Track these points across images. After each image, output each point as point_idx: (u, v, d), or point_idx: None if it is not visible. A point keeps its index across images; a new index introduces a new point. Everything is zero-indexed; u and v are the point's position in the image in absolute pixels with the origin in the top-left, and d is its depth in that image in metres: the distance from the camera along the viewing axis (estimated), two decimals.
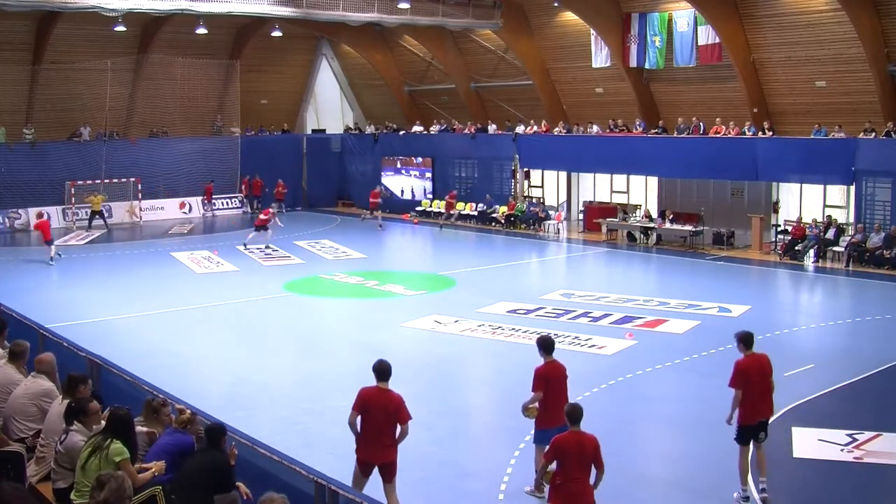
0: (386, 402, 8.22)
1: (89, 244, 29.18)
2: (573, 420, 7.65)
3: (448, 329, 16.82)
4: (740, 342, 9.36)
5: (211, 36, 33.83)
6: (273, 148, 38.40)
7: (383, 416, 8.22)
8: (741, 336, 9.40)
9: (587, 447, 7.55)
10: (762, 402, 9.27)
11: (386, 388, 8.31)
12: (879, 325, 17.32)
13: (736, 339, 9.44)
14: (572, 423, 7.65)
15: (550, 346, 9.44)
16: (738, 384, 9.10)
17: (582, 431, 7.63)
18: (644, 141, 29.35)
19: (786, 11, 25.81)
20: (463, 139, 35.38)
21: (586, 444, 7.57)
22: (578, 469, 7.53)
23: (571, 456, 7.52)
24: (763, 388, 9.24)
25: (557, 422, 9.25)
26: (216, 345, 16.20)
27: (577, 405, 7.76)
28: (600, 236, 29.76)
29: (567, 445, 7.54)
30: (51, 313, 16.57)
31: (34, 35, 32.07)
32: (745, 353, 9.31)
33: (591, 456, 7.57)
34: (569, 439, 7.58)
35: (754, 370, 9.20)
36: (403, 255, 28.87)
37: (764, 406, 9.30)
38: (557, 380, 9.32)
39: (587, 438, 7.60)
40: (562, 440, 7.62)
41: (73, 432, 7.14)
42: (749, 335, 9.41)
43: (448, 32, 34.63)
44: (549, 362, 9.35)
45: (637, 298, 19.53)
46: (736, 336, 9.47)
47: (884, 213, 24.05)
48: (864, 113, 25.15)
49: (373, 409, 8.21)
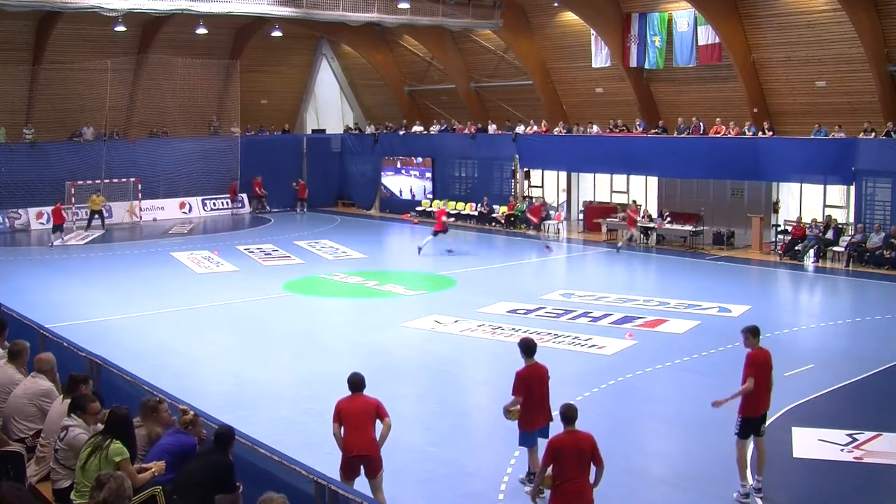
0: (363, 405, 8.49)
1: (89, 244, 29.17)
2: (568, 420, 7.62)
3: (448, 329, 16.81)
4: (749, 334, 9.45)
5: (211, 36, 33.83)
6: (273, 148, 38.40)
7: (363, 417, 8.43)
8: (750, 328, 9.49)
9: (584, 446, 7.53)
10: (766, 394, 9.41)
11: (361, 395, 8.55)
12: (879, 325, 17.32)
13: (744, 332, 9.52)
14: (567, 423, 7.61)
15: (532, 348, 9.44)
16: (752, 374, 9.18)
17: (577, 430, 7.61)
18: (644, 141, 29.35)
19: (786, 11, 25.81)
20: (463, 139, 35.38)
21: (583, 442, 7.54)
22: (576, 469, 7.49)
23: (568, 456, 7.48)
24: (768, 381, 9.40)
25: (540, 423, 9.36)
26: (216, 345, 16.20)
27: (572, 405, 7.72)
28: (600, 236, 29.76)
29: (563, 446, 7.51)
30: (51, 313, 16.57)
31: (34, 35, 32.06)
32: (753, 346, 9.41)
33: (590, 454, 7.54)
34: (565, 440, 7.55)
35: (763, 363, 9.34)
36: (403, 256, 28.86)
37: (766, 399, 9.43)
38: (538, 382, 9.34)
39: (583, 437, 7.58)
40: (557, 441, 7.58)
41: (73, 427, 7.13)
42: (757, 327, 9.52)
43: (448, 32, 34.63)
44: (531, 365, 9.37)
45: (637, 298, 19.54)
46: (743, 330, 9.54)
47: (884, 213, 24.05)
48: (864, 113, 25.15)
49: (352, 413, 8.44)
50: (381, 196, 38.55)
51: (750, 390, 9.17)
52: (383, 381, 13.86)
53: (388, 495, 8.61)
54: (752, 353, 9.37)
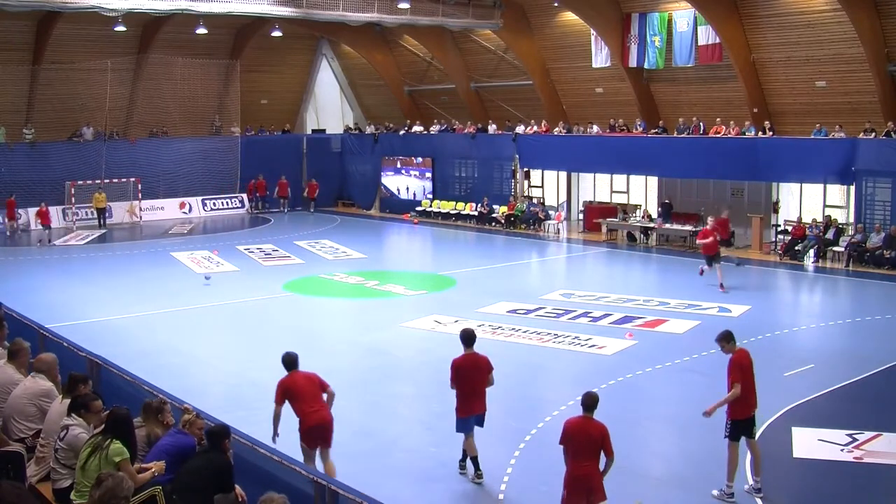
0: (308, 379, 9.09)
1: (89, 244, 29.18)
2: (586, 406, 8.00)
3: (448, 329, 16.80)
4: (723, 341, 9.50)
5: (211, 36, 33.85)
6: (273, 148, 38.41)
7: (313, 389, 9.01)
8: (722, 335, 9.53)
9: (594, 434, 7.87)
10: (753, 394, 9.43)
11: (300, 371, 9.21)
12: (879, 325, 17.32)
13: (718, 341, 9.56)
14: (585, 410, 7.99)
15: (469, 338, 9.91)
16: (740, 378, 9.23)
17: (592, 418, 7.96)
18: (644, 141, 29.35)
19: (786, 11, 25.80)
20: (463, 139, 35.38)
21: (593, 430, 7.89)
22: (585, 454, 7.87)
23: (578, 440, 7.87)
24: (752, 381, 9.43)
25: (476, 410, 9.84)
26: (216, 345, 16.20)
27: (593, 393, 8.10)
28: (600, 236, 29.76)
29: (573, 429, 7.92)
30: (51, 313, 16.57)
31: (34, 35, 32.08)
32: (733, 350, 9.45)
33: (599, 442, 7.87)
34: (576, 423, 7.97)
35: (747, 364, 9.39)
36: (403, 255, 28.87)
37: (754, 399, 9.45)
38: (472, 370, 9.79)
39: (595, 425, 7.92)
40: (570, 423, 8.01)
41: (73, 426, 7.13)
42: (728, 332, 9.57)
43: (448, 32, 34.63)
44: (466, 354, 9.85)
45: (637, 298, 19.53)
46: (717, 339, 9.56)
47: (884, 213, 24.04)
48: (864, 113, 25.15)
49: (303, 387, 8.96)
50: (381, 196, 38.56)
51: (738, 395, 9.18)
52: (383, 381, 13.91)
53: (388, 495, 8.61)
54: (735, 356, 9.39)
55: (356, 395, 13.28)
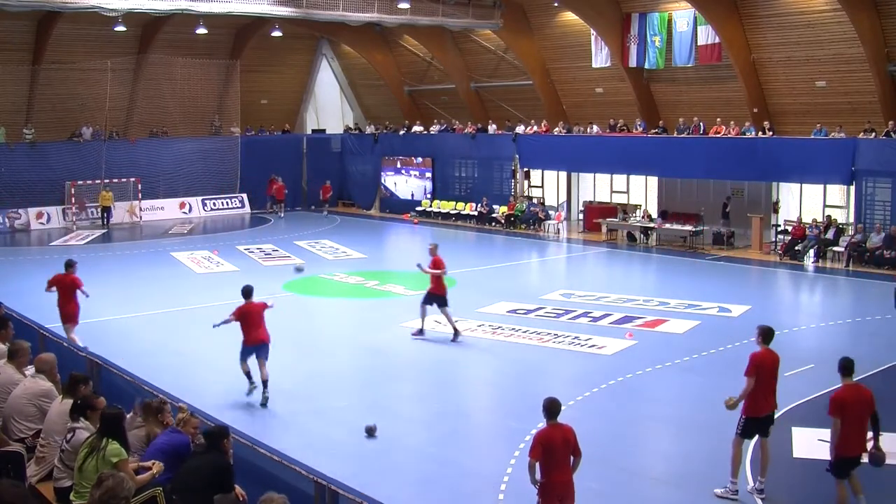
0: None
1: (89, 244, 29.17)
2: (552, 414, 7.82)
3: (448, 329, 16.78)
4: (760, 335, 9.55)
5: (211, 36, 33.83)
6: (273, 148, 38.39)
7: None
8: (763, 330, 9.59)
9: (570, 438, 7.80)
10: (769, 396, 9.46)
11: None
12: (879, 326, 17.31)
13: (757, 331, 9.62)
14: (550, 417, 7.82)
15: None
16: (752, 374, 9.26)
17: (560, 423, 7.84)
18: (644, 141, 29.35)
19: (786, 11, 25.80)
20: (463, 139, 35.38)
21: (568, 434, 7.81)
22: (565, 461, 7.79)
23: (559, 449, 7.72)
24: (771, 384, 9.46)
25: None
26: (216, 345, 16.14)
27: (556, 399, 7.93)
28: (600, 236, 29.75)
29: (552, 439, 7.73)
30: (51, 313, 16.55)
31: (34, 35, 32.05)
32: (762, 346, 9.49)
33: (573, 445, 7.81)
34: (553, 433, 7.76)
35: (768, 364, 9.41)
36: (403, 256, 28.83)
37: (771, 400, 9.49)
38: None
39: (567, 429, 7.85)
40: (546, 435, 7.75)
41: (80, 430, 7.15)
42: (770, 330, 9.62)
43: (448, 32, 34.62)
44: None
45: (637, 298, 19.53)
46: (758, 329, 9.65)
47: (884, 213, 24.04)
48: (864, 113, 25.15)
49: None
50: (381, 196, 38.56)
51: (749, 391, 9.20)
52: (383, 381, 13.91)
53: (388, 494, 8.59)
54: (756, 353, 9.46)
55: (356, 395, 13.30)
